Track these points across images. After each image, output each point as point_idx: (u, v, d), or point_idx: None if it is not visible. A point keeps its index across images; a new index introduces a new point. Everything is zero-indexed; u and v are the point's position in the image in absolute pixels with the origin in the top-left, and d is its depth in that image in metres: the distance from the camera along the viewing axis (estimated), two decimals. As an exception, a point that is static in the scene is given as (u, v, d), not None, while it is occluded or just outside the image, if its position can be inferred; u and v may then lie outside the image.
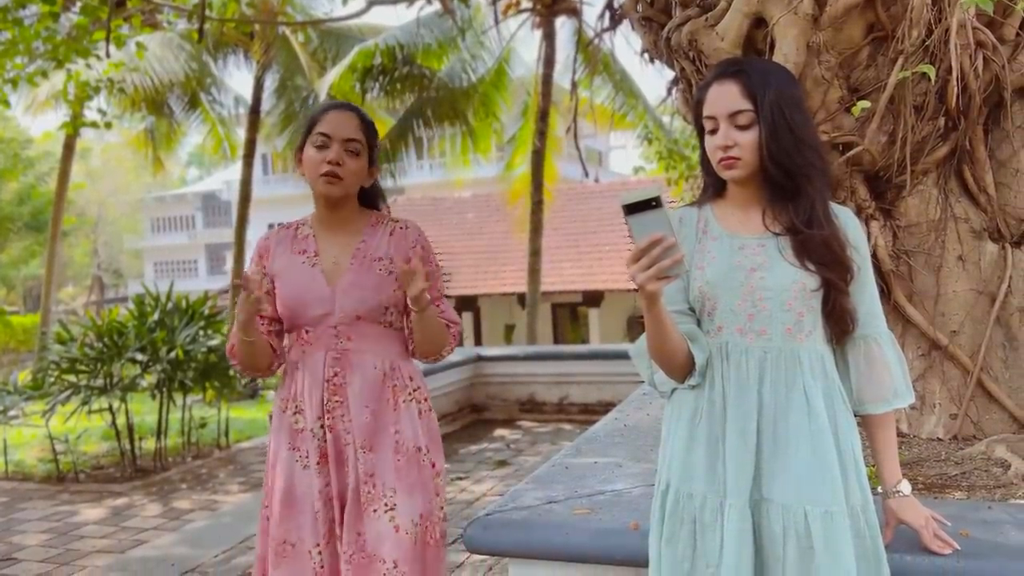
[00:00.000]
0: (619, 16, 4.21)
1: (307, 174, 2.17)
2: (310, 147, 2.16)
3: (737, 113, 1.63)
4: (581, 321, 19.83)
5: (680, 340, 1.67)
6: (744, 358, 1.66)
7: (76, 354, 6.79)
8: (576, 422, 7.63)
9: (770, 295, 1.64)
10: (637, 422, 3.47)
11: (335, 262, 2.21)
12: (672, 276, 1.47)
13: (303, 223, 2.28)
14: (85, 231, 35.40)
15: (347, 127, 2.15)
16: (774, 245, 1.66)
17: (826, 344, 1.69)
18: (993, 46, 2.93)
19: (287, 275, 2.20)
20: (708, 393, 1.69)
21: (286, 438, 2.20)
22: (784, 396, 1.63)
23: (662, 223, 1.44)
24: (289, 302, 2.18)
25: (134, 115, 15.29)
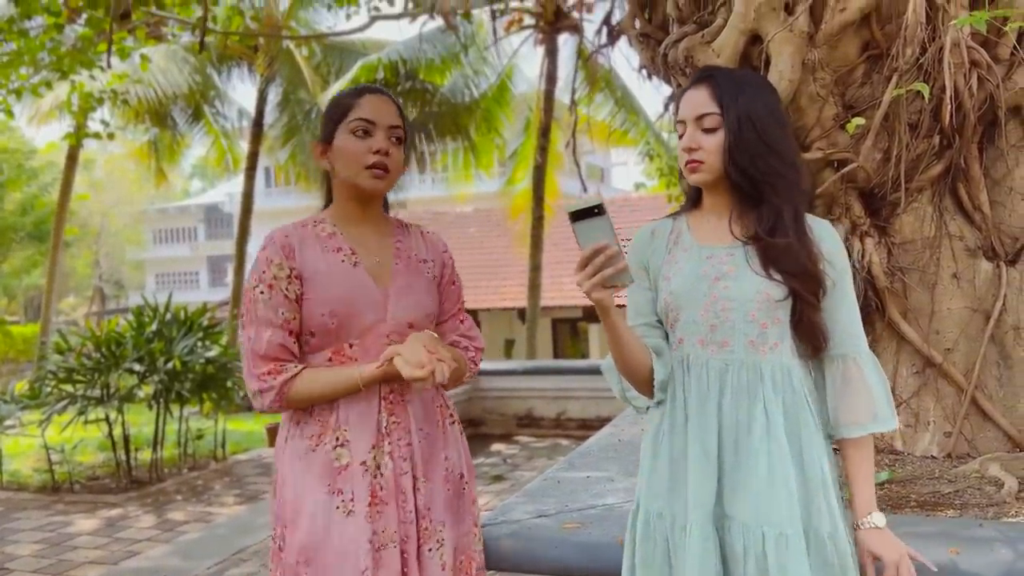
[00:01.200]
0: (617, 33, 4.24)
1: (343, 166, 1.85)
2: (347, 135, 1.84)
3: (703, 116, 1.61)
4: (581, 336, 19.81)
5: (641, 353, 1.64)
6: (704, 371, 1.62)
7: (74, 364, 6.80)
8: (574, 437, 7.62)
9: (733, 305, 1.60)
10: (632, 437, 3.47)
11: (378, 261, 1.88)
12: (617, 285, 1.47)
13: (320, 220, 1.91)
14: (87, 242, 35.46)
15: (390, 112, 1.87)
16: (742, 254, 1.62)
17: (795, 359, 1.63)
18: (988, 65, 2.94)
19: (327, 278, 1.81)
20: (670, 408, 1.66)
21: (320, 481, 1.77)
22: (746, 410, 1.59)
23: (605, 231, 1.45)
24: (339, 310, 1.80)
25: (137, 127, 15.38)
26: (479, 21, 12.36)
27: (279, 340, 1.78)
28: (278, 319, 1.78)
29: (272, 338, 1.78)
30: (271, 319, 1.78)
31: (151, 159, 16.17)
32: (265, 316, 1.78)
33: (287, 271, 1.80)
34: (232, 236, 30.84)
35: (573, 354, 19.73)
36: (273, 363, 1.78)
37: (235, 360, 7.59)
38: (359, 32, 10.67)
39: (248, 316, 1.81)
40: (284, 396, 1.77)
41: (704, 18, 3.38)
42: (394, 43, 13.25)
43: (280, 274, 1.80)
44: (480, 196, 20.49)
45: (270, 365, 1.77)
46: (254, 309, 1.79)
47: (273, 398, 1.77)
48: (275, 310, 1.78)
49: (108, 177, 37.21)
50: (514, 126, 14.72)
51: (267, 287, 1.80)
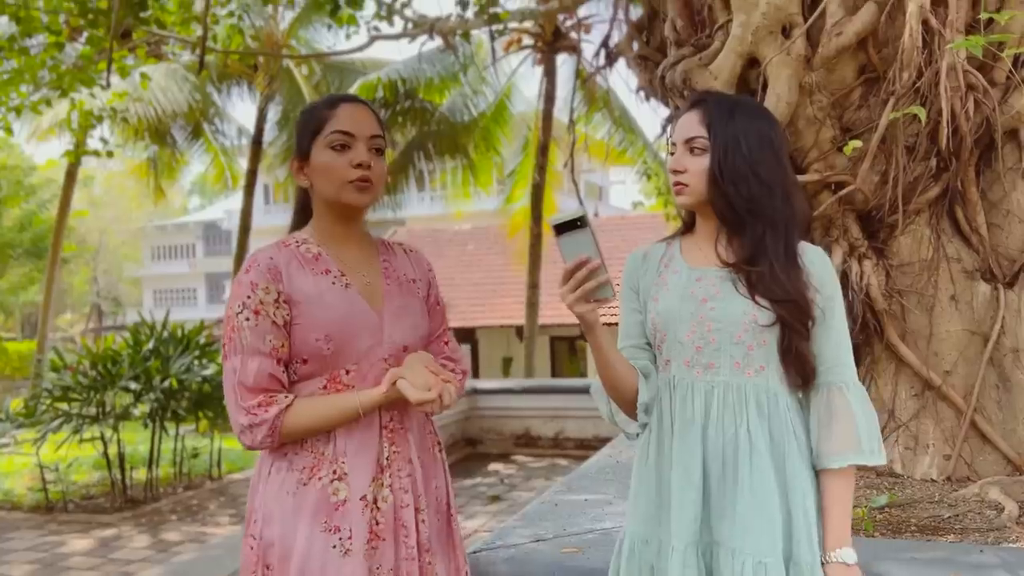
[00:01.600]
0: (615, 54, 4.26)
1: (324, 183, 1.73)
2: (324, 149, 1.71)
3: (692, 139, 1.61)
4: (579, 354, 19.77)
5: (628, 373, 1.62)
6: (690, 393, 1.60)
7: (69, 382, 6.77)
8: (572, 457, 7.58)
9: (720, 326, 1.58)
10: (630, 459, 3.44)
11: (368, 283, 1.77)
12: (600, 299, 1.47)
13: (302, 240, 1.78)
14: (85, 258, 35.44)
15: (369, 122, 1.74)
16: (731, 277, 1.60)
17: (783, 385, 1.60)
18: (984, 89, 2.96)
19: (319, 301, 1.69)
20: (657, 432, 1.64)
21: (314, 518, 1.64)
22: (732, 435, 1.56)
23: (588, 244, 1.45)
24: (334, 334, 1.68)
25: (137, 144, 15.40)
26: (478, 41, 12.43)
27: (268, 370, 1.64)
28: (266, 347, 1.65)
29: (261, 368, 1.64)
30: (259, 347, 1.64)
31: (150, 176, 16.19)
32: (252, 344, 1.64)
33: (274, 295, 1.67)
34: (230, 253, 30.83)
35: (571, 372, 19.69)
36: (263, 394, 1.64)
37: (232, 378, 7.55)
38: (359, 52, 10.69)
39: (232, 345, 1.66)
40: (277, 430, 1.63)
41: (701, 41, 3.40)
42: (393, 62, 13.32)
43: (267, 299, 1.66)
44: (478, 214, 20.53)
45: (259, 397, 1.64)
46: (239, 337, 1.65)
47: (266, 433, 1.63)
48: (262, 337, 1.65)
49: (107, 194, 37.27)
50: (512, 145, 14.77)
51: (253, 313, 1.65)
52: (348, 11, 8.43)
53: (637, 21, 3.96)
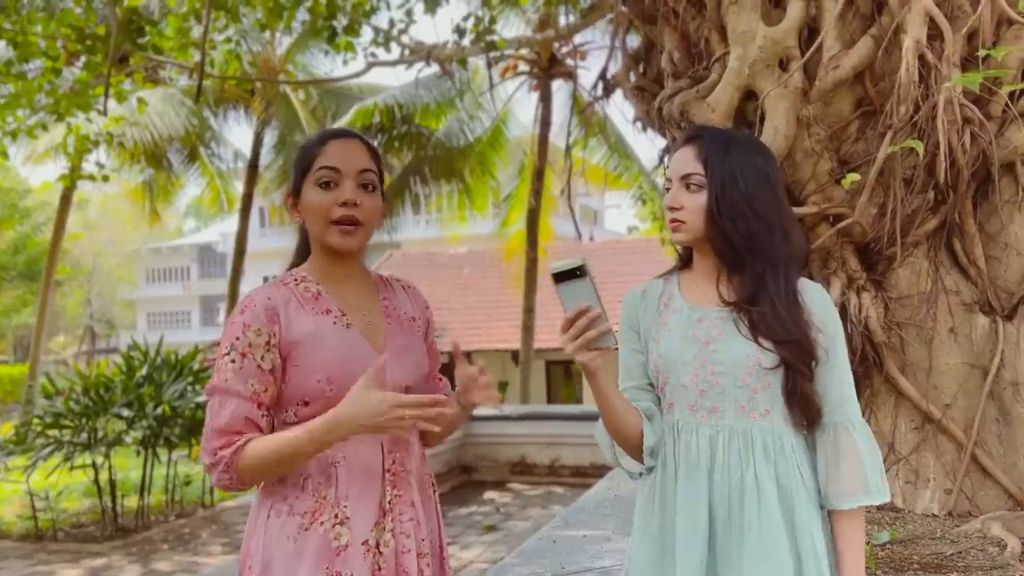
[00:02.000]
0: (612, 85, 4.28)
1: (311, 222, 1.70)
2: (312, 187, 1.69)
3: (688, 175, 1.58)
4: (575, 379, 19.72)
5: (631, 417, 1.59)
6: (694, 438, 1.57)
7: (61, 409, 6.71)
8: (568, 485, 7.53)
9: (723, 370, 1.56)
10: (628, 492, 3.42)
11: (369, 322, 1.74)
12: (601, 348, 1.45)
13: (301, 279, 1.74)
14: (79, 281, 35.35)
15: (358, 157, 1.70)
16: (732, 318, 1.58)
17: (788, 426, 1.57)
18: (980, 122, 2.97)
19: (320, 342, 1.67)
20: (661, 476, 1.60)
21: (315, 564, 1.60)
22: (738, 480, 1.54)
23: (587, 292, 1.44)
24: (336, 375, 1.64)
25: (133, 167, 15.41)
26: (474, 67, 12.50)
27: (244, 413, 1.60)
28: (247, 391, 1.60)
29: (237, 410, 1.60)
30: (239, 390, 1.60)
31: (146, 199, 16.20)
32: (232, 386, 1.61)
33: (266, 338, 1.63)
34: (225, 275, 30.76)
35: (567, 396, 19.62)
36: (229, 436, 1.59)
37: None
38: (356, 77, 10.74)
39: (212, 385, 1.63)
40: (233, 467, 1.58)
41: (699, 73, 3.41)
42: (390, 88, 13.38)
43: (257, 341, 1.62)
44: (474, 237, 20.58)
45: (224, 439, 1.59)
46: (220, 378, 1.62)
47: (221, 471, 1.58)
48: (244, 381, 1.60)
49: (102, 216, 37.25)
50: (508, 169, 14.83)
51: (239, 355, 1.62)
52: (345, 38, 8.47)
53: (634, 52, 3.98)
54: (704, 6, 3.30)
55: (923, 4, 2.75)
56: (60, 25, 7.79)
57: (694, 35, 3.42)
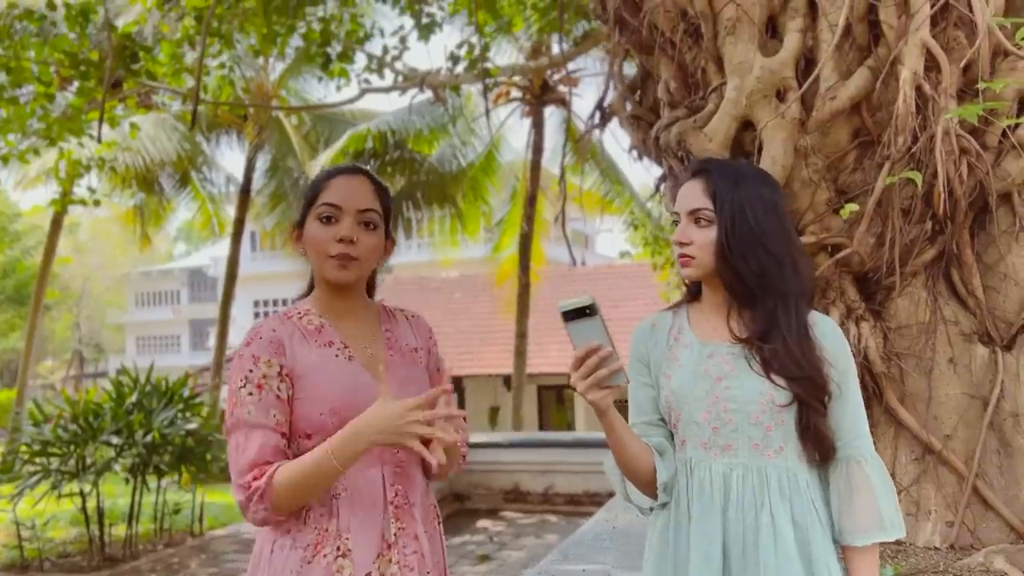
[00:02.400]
0: (608, 114, 4.29)
1: (311, 255, 1.74)
2: (314, 221, 1.71)
3: (697, 210, 1.57)
4: (567, 404, 19.66)
5: (643, 452, 1.57)
6: (708, 475, 1.55)
7: (49, 436, 6.62)
8: (562, 513, 7.45)
9: (736, 407, 1.54)
10: (626, 524, 3.38)
11: (371, 354, 1.75)
12: (612, 386, 1.44)
13: (304, 312, 1.77)
14: (68, 305, 35.14)
15: (360, 195, 1.72)
16: (743, 354, 1.56)
17: (802, 462, 1.56)
18: (977, 153, 2.98)
19: (322, 374, 1.69)
20: (674, 514, 1.58)
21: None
22: (753, 518, 1.52)
23: (598, 331, 1.43)
24: (339, 407, 1.65)
25: (124, 191, 15.38)
26: (467, 93, 12.56)
27: (272, 443, 1.61)
28: (270, 421, 1.61)
29: (265, 442, 1.60)
30: (263, 421, 1.61)
31: (136, 223, 16.16)
32: (256, 419, 1.61)
33: (277, 368, 1.64)
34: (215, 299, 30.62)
35: (559, 421, 19.55)
36: (261, 468, 1.59)
37: (215, 432, 7.44)
38: (349, 104, 10.78)
39: (234, 420, 1.62)
40: (269, 497, 1.57)
41: (695, 103, 3.42)
42: (383, 113, 13.43)
43: (270, 372, 1.64)
44: (466, 262, 20.57)
45: (257, 471, 1.58)
46: (242, 412, 1.62)
47: (256, 502, 1.57)
48: (267, 411, 1.61)
49: (92, 240, 37.11)
50: (500, 194, 14.88)
51: (256, 387, 1.63)
52: (340, 64, 8.51)
53: (630, 82, 3.99)
54: (701, 37, 3.31)
55: (920, 36, 2.77)
56: (54, 50, 7.79)
57: (691, 65, 3.43)
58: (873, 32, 3.04)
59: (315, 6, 8.51)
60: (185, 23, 8.38)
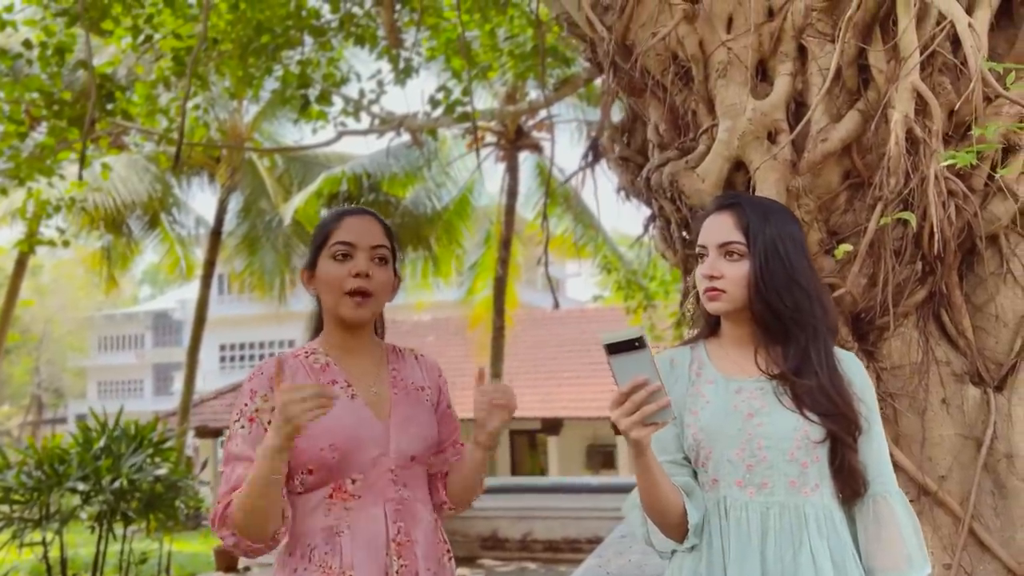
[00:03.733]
0: (599, 155, 4.32)
1: (325, 293, 1.79)
2: (327, 260, 1.78)
3: (728, 244, 1.57)
4: (540, 449, 19.49)
5: (673, 493, 1.54)
6: (744, 514, 1.53)
7: (12, 483, 6.40)
8: (541, 560, 7.34)
9: (770, 443, 1.52)
10: (619, 569, 3.31)
11: (376, 393, 1.81)
12: (659, 423, 1.39)
13: (312, 351, 1.83)
14: (27, 348, 34.33)
15: (372, 232, 1.81)
16: (772, 389, 1.55)
17: (835, 500, 1.56)
18: (964, 195, 3.02)
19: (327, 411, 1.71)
20: (707, 555, 1.55)
21: None
22: (791, 558, 1.49)
23: (646, 365, 1.38)
24: (339, 443, 1.70)
25: (91, 233, 15.17)
26: (443, 137, 12.65)
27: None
28: (254, 455, 1.63)
29: (243, 474, 1.64)
30: (248, 454, 1.66)
31: (103, 265, 15.91)
32: (241, 451, 1.67)
33: (271, 404, 1.67)
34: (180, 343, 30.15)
35: (532, 467, 19.36)
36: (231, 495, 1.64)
37: (184, 478, 7.25)
38: (326, 146, 10.81)
39: (226, 453, 1.70)
40: (226, 520, 1.61)
41: (686, 144, 3.45)
42: (358, 156, 13.46)
43: (264, 406, 1.70)
44: (439, 305, 20.50)
45: (225, 498, 1.64)
46: (232, 446, 1.69)
47: (221, 527, 1.63)
48: (252, 445, 1.66)
49: (54, 282, 36.44)
50: (475, 237, 14.94)
51: (248, 420, 1.70)
52: (317, 107, 8.53)
53: (619, 124, 4.03)
54: (692, 79, 3.35)
55: (911, 80, 2.82)
56: (26, 90, 7.71)
57: (681, 107, 3.47)
58: (863, 76, 3.09)
59: (292, 49, 8.55)
60: (160, 64, 8.36)
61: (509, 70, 10.42)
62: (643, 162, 3.78)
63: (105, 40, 10.16)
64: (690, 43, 3.27)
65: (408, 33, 8.65)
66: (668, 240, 3.70)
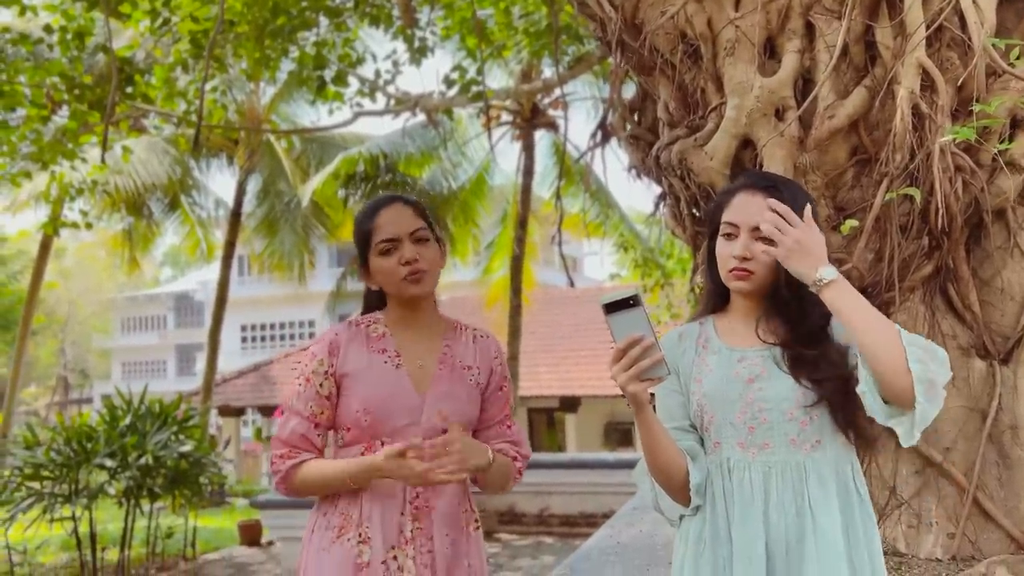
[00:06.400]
0: (608, 133, 4.35)
1: (386, 284, 1.96)
2: (377, 257, 1.94)
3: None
4: (558, 427, 19.61)
5: (676, 454, 1.59)
6: (747, 475, 1.58)
7: (42, 459, 6.57)
8: (557, 535, 7.44)
9: (770, 406, 1.58)
10: (631, 539, 3.39)
11: (421, 366, 1.95)
12: (654, 378, 1.45)
13: (374, 320, 2.00)
14: (53, 330, 34.85)
15: (408, 219, 1.95)
16: (772, 355, 1.61)
17: (840, 452, 1.60)
18: (971, 170, 3.04)
19: (367, 376, 1.91)
20: (710, 515, 1.61)
21: (340, 573, 1.84)
22: (793, 515, 1.55)
23: (641, 322, 1.43)
24: (372, 408, 1.88)
25: (112, 216, 15.35)
26: (459, 116, 12.66)
27: (302, 430, 1.90)
28: (306, 411, 1.90)
29: (296, 427, 1.90)
30: (300, 410, 1.90)
31: (125, 248, 16.10)
32: (296, 406, 1.91)
33: (325, 368, 1.91)
34: (202, 324, 30.45)
35: (549, 445, 19.49)
36: (289, 449, 1.89)
37: (208, 455, 7.41)
38: (342, 127, 10.85)
39: (285, 402, 1.95)
40: (288, 481, 1.89)
41: (695, 122, 3.48)
42: (374, 137, 13.50)
43: (318, 370, 1.91)
44: (456, 284, 20.58)
45: (284, 450, 1.89)
46: (290, 397, 1.94)
47: (278, 480, 1.89)
48: (305, 402, 1.90)
49: (78, 265, 36.88)
50: (491, 217, 14.94)
51: (305, 380, 1.92)
52: (334, 88, 8.58)
53: (629, 103, 4.06)
54: (700, 58, 3.38)
55: (917, 56, 2.84)
56: (47, 74, 7.82)
57: (690, 85, 3.50)
58: (869, 53, 3.11)
59: (308, 30, 8.59)
60: (178, 47, 8.43)
61: (524, 48, 10.42)
62: (654, 140, 3.81)
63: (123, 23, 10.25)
64: (698, 21, 3.30)
65: (423, 12, 8.67)
66: (678, 217, 3.74)
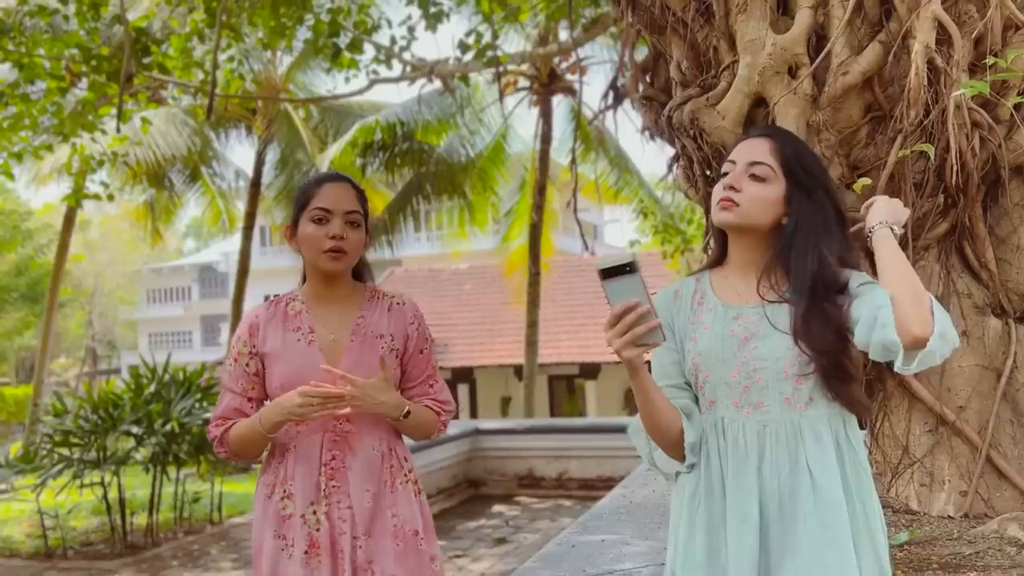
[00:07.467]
0: (620, 95, 4.31)
1: (306, 250, 2.08)
2: (308, 222, 2.06)
3: (757, 163, 1.61)
4: (578, 393, 19.70)
5: (672, 414, 1.59)
6: (741, 434, 1.57)
7: (71, 426, 6.71)
8: (576, 498, 7.51)
9: (765, 365, 1.57)
10: (643, 498, 3.43)
11: (334, 339, 2.10)
12: (648, 344, 1.45)
13: (293, 298, 2.15)
14: (80, 302, 35.33)
15: (347, 199, 2.07)
16: (768, 313, 1.60)
17: (835, 409, 1.58)
18: (989, 126, 2.99)
19: (283, 354, 2.08)
20: (705, 473, 1.61)
21: (271, 526, 2.05)
22: (788, 473, 1.54)
23: (636, 289, 1.43)
24: (288, 384, 2.02)
25: (135, 188, 15.48)
26: (475, 83, 12.58)
27: (235, 404, 2.09)
28: (237, 387, 2.09)
29: (230, 402, 2.09)
30: (231, 387, 2.10)
31: (147, 219, 16.26)
32: (228, 384, 2.11)
33: (248, 348, 2.10)
34: (226, 295, 30.72)
35: (570, 411, 19.59)
36: (223, 421, 2.09)
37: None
38: (358, 95, 10.82)
39: (221, 382, 2.16)
40: (224, 443, 2.08)
41: (707, 81, 3.44)
42: (391, 105, 13.46)
43: (243, 350, 2.10)
44: (475, 253, 20.61)
45: (219, 422, 2.10)
46: (224, 377, 2.15)
47: (216, 445, 2.10)
48: (236, 380, 2.09)
49: (103, 238, 37.28)
50: (509, 184, 14.87)
51: (233, 360, 2.11)
52: (349, 55, 8.54)
53: (642, 63, 4.01)
54: (712, 15, 3.33)
55: (932, 9, 2.79)
56: (65, 46, 7.85)
57: (702, 44, 3.45)
58: (884, 7, 3.05)
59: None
60: (194, 17, 8.42)
61: (540, 11, 10.30)
62: (666, 100, 3.77)
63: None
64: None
65: (437, -23, 8.57)
66: (691, 178, 3.71)
